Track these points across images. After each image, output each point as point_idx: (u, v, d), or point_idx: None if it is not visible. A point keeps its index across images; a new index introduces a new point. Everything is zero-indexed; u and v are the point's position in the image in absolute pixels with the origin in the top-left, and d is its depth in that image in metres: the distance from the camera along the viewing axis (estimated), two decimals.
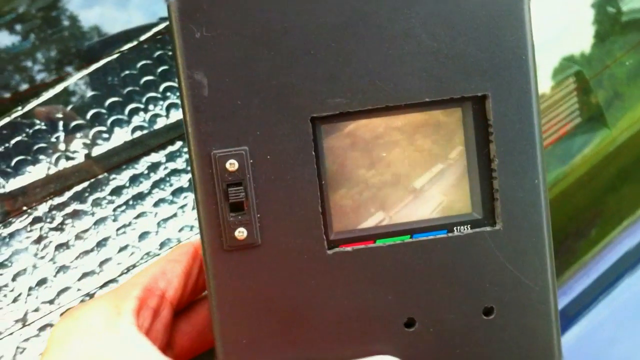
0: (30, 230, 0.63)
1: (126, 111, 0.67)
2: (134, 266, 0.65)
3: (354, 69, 0.42)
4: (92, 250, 0.64)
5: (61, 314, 0.61)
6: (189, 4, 0.41)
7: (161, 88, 0.69)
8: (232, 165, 0.41)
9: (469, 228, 0.44)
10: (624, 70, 0.88)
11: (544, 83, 0.82)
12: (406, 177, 0.44)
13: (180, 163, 0.68)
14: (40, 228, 0.63)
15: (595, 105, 0.85)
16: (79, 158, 0.65)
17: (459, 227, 0.44)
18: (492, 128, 0.43)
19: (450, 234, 0.44)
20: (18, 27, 0.66)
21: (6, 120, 0.63)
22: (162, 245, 0.66)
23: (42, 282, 0.62)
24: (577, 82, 0.82)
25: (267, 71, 0.41)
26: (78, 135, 0.65)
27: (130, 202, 0.66)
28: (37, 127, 0.64)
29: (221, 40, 0.41)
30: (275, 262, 0.42)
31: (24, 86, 0.65)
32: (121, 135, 0.67)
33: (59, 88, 0.65)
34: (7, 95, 0.64)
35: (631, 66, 0.88)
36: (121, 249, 0.65)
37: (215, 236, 0.42)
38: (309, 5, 0.41)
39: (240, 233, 0.42)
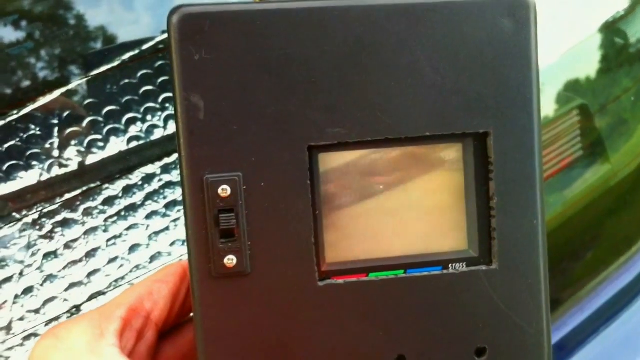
0: (19, 237, 0.62)
1: (123, 120, 0.66)
2: (122, 279, 0.64)
3: (354, 99, 0.41)
4: (80, 260, 0.63)
5: (46, 325, 0.60)
6: (190, 26, 0.40)
7: (160, 99, 0.68)
8: (224, 191, 0.40)
9: (465, 266, 0.43)
10: (628, 104, 0.87)
11: (547, 112, 0.81)
12: (402, 210, 0.44)
13: (175, 175, 0.68)
14: (29, 235, 0.62)
15: (596, 137, 0.84)
16: (73, 166, 0.64)
17: (454, 265, 0.43)
18: (493, 166, 0.42)
19: (445, 271, 0.43)
20: (21, 27, 0.65)
21: (0, 123, 0.63)
22: (152, 258, 0.65)
23: (28, 290, 0.61)
24: (581, 114, 0.82)
25: (266, 97, 0.41)
26: (73, 142, 0.64)
27: (123, 213, 0.65)
28: (31, 132, 0.63)
29: (220, 64, 0.40)
30: (265, 292, 0.42)
31: (22, 90, 0.64)
32: (117, 145, 0.66)
33: (56, 93, 0.64)
34: (4, 99, 0.63)
35: (635, 99, 0.88)
36: (110, 261, 0.64)
37: (203, 262, 0.41)
38: (313, 33, 0.41)
39: (230, 261, 0.41)
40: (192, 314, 0.47)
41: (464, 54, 0.42)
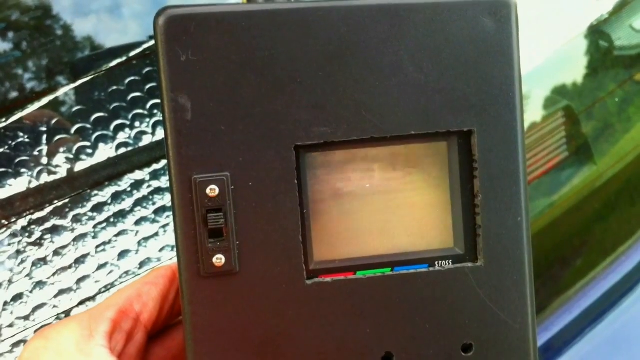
0: (9, 245, 0.62)
1: (111, 127, 0.67)
2: (112, 285, 0.64)
3: (340, 99, 0.42)
4: (70, 267, 0.63)
5: (35, 331, 0.60)
6: (176, 27, 0.40)
7: (148, 105, 0.68)
8: (212, 190, 0.41)
9: (451, 263, 0.44)
10: (613, 108, 0.88)
11: (534, 116, 0.82)
12: (389, 208, 0.44)
13: (164, 181, 0.68)
14: (19, 242, 0.62)
15: (583, 140, 0.85)
16: (61, 173, 0.64)
17: (440, 262, 0.44)
18: (477, 164, 0.43)
19: (431, 269, 0.44)
20: (9, 36, 0.65)
21: None
22: (141, 264, 0.65)
23: (17, 297, 0.61)
24: (566, 116, 0.82)
25: (253, 97, 0.41)
26: (61, 149, 0.64)
27: (112, 220, 0.66)
28: (20, 140, 0.63)
29: (207, 65, 0.40)
30: (253, 291, 0.42)
31: (10, 97, 0.64)
32: (105, 151, 0.66)
33: (44, 101, 0.64)
34: None
35: (620, 102, 0.88)
36: (100, 267, 0.64)
37: (192, 262, 0.41)
38: (298, 34, 0.41)
39: (219, 260, 0.41)
40: (181, 317, 0.47)
41: (446, 53, 0.42)
